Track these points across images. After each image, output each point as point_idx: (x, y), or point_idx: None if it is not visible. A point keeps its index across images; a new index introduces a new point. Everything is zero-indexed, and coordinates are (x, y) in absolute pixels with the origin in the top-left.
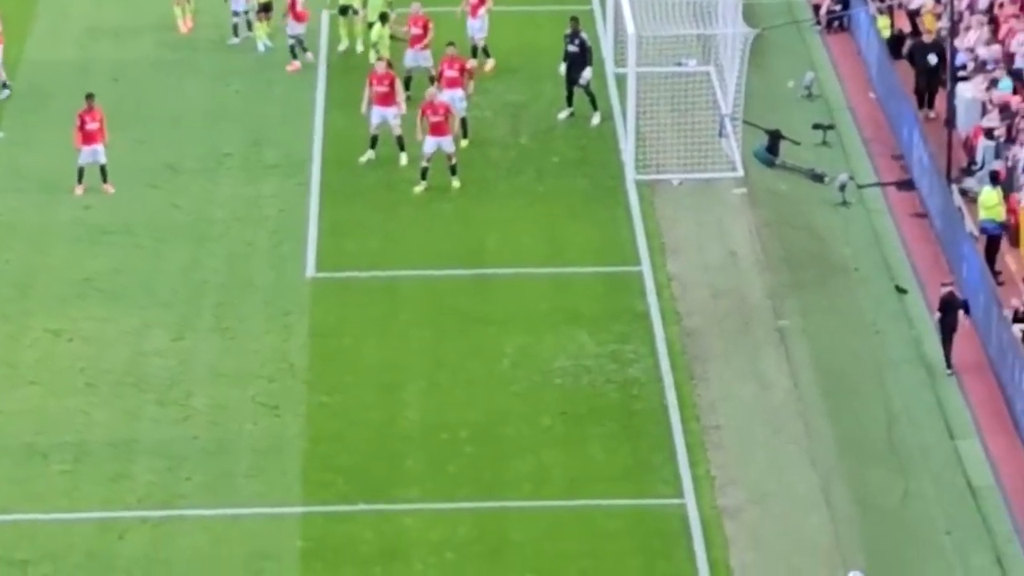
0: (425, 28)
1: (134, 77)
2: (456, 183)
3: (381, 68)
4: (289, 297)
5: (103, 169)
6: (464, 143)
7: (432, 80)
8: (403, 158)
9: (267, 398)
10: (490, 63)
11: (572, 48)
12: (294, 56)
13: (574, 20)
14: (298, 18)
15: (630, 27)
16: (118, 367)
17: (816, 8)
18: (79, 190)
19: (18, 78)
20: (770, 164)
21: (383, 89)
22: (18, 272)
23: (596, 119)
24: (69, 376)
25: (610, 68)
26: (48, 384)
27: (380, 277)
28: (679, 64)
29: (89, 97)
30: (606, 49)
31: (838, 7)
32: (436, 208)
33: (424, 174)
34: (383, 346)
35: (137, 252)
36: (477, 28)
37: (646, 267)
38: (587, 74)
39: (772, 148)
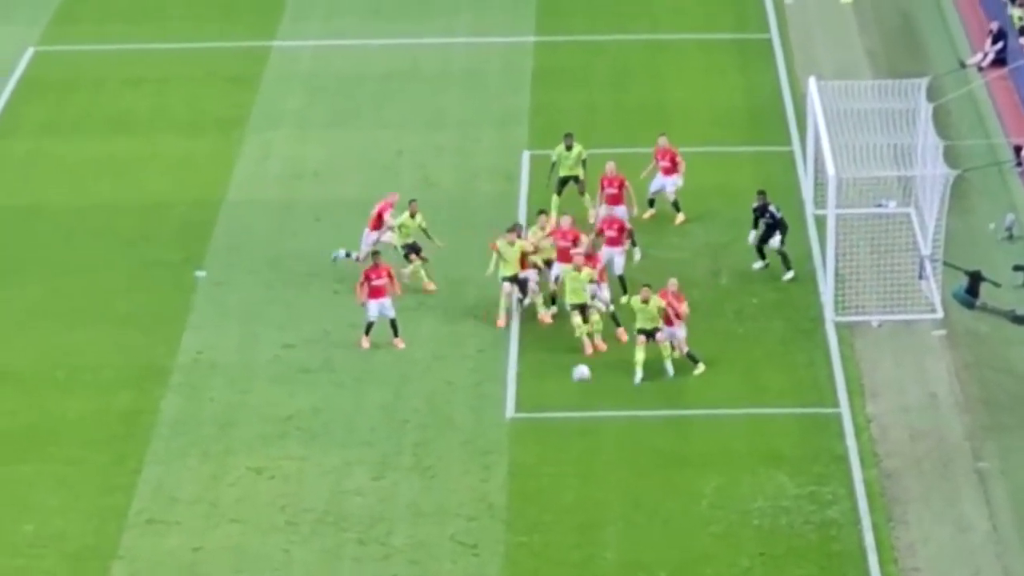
0: (621, 186)
1: (336, 217)
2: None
3: (566, 223)
4: (489, 437)
5: (393, 323)
6: (624, 299)
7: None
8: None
9: (466, 537)
10: (680, 217)
11: (764, 221)
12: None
13: (761, 194)
14: None
15: (830, 169)
16: (319, 505)
17: (1017, 150)
18: (365, 343)
19: (220, 218)
20: (970, 306)
21: (565, 244)
22: (220, 410)
23: (788, 275)
24: (270, 514)
25: (810, 209)
26: (249, 522)
27: (579, 418)
28: (879, 205)
29: (375, 255)
30: (806, 191)
31: None
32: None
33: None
34: (581, 486)
35: (338, 391)
36: (670, 183)
37: (845, 408)
38: (776, 239)
39: (972, 290)
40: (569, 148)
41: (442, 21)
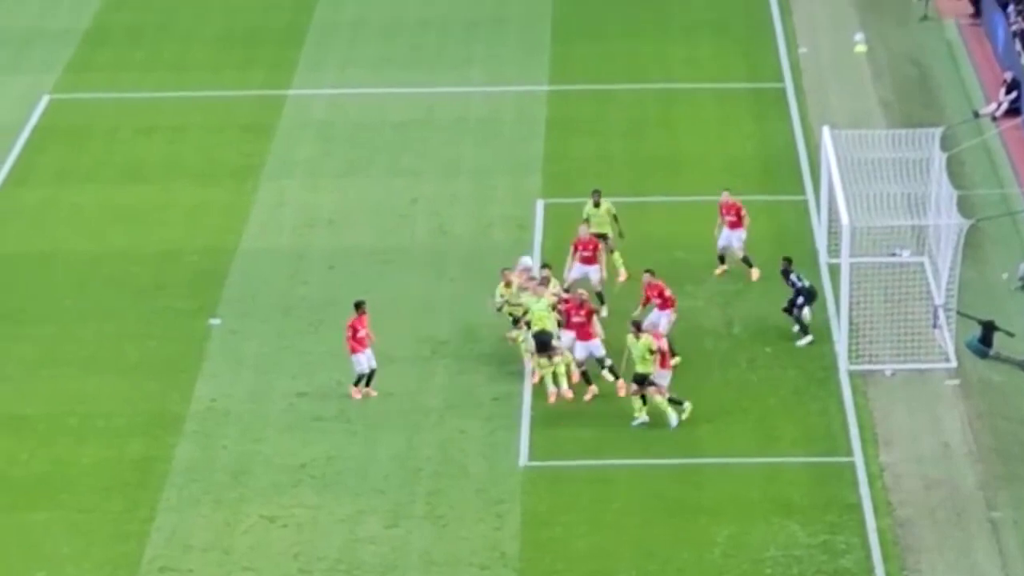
0: (595, 250)
1: (349, 265)
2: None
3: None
4: (502, 485)
5: (372, 373)
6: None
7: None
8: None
9: None
10: (755, 272)
11: (788, 287)
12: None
13: (785, 260)
14: None
15: (844, 218)
16: (331, 554)
17: None
18: (372, 393)
19: (234, 266)
20: (984, 355)
21: (579, 319)
22: (233, 458)
23: (803, 342)
24: (283, 562)
25: (823, 258)
26: (262, 570)
27: (592, 466)
28: (893, 254)
29: (359, 305)
30: (820, 239)
31: None
32: (647, 396)
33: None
34: (594, 535)
35: (351, 439)
36: (736, 237)
37: (858, 458)
38: (801, 307)
39: (986, 339)
40: (597, 205)
41: (456, 70)
